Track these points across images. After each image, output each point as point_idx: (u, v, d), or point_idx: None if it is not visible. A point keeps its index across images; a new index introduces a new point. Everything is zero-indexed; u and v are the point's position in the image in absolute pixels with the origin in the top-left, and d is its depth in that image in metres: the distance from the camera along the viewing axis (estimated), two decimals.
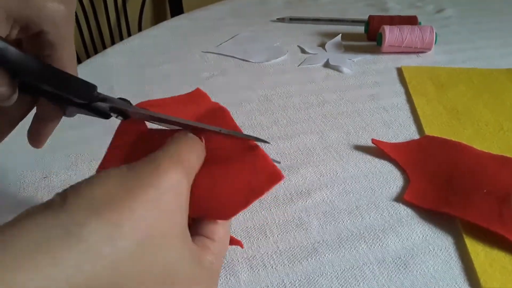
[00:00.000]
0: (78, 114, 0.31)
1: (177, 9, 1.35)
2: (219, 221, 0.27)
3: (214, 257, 0.26)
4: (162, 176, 0.23)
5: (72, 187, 0.22)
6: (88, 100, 0.29)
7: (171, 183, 0.23)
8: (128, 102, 0.30)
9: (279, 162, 0.29)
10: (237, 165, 0.28)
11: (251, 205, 0.26)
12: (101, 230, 0.20)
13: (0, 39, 0.25)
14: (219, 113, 0.32)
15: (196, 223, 0.27)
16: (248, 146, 0.28)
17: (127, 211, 0.21)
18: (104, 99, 0.29)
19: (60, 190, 0.21)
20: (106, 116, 0.30)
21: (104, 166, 0.30)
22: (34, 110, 0.32)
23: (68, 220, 0.20)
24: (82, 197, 0.21)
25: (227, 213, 0.27)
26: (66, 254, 0.19)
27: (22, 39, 0.29)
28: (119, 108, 0.29)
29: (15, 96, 0.28)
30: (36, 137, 0.32)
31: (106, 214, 0.20)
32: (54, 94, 0.28)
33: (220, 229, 0.27)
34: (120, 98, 0.30)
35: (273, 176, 0.27)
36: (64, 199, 0.21)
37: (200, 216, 0.27)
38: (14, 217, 0.20)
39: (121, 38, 1.24)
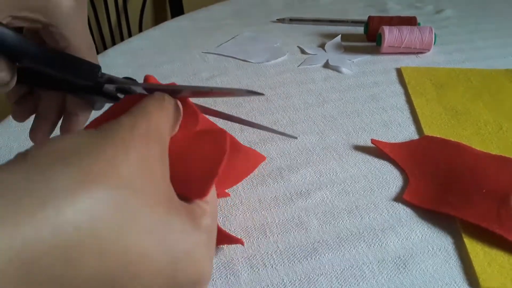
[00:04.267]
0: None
1: (177, 10, 1.35)
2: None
3: (211, 219, 0.25)
4: (131, 129, 0.21)
5: (34, 145, 0.20)
6: (92, 81, 0.28)
7: (143, 134, 0.22)
8: (134, 80, 0.30)
9: (296, 138, 0.33)
10: (201, 144, 0.28)
11: (250, 204, 0.26)
12: (69, 175, 0.17)
13: None
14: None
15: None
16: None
17: (100, 156, 0.19)
18: (110, 79, 0.29)
19: None
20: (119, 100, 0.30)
21: None
22: None
23: (28, 168, 0.17)
24: (45, 149, 0.19)
25: (203, 190, 0.26)
26: (27, 201, 0.16)
27: (40, 33, 0.29)
28: (125, 88, 0.29)
29: (13, 82, 0.28)
30: (68, 132, 0.33)
31: (73, 159, 0.18)
32: (59, 80, 0.28)
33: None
34: (125, 78, 0.30)
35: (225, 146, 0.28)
36: (24, 154, 0.19)
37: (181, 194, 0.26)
38: None
39: (122, 39, 1.24)
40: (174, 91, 0.27)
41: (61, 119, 0.33)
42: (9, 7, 0.26)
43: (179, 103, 0.27)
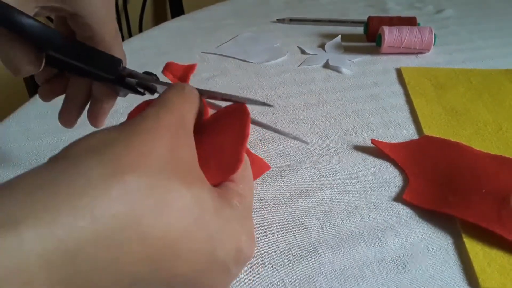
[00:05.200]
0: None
1: (177, 10, 1.35)
2: None
3: (240, 197, 0.26)
4: (155, 120, 0.23)
5: (68, 144, 0.21)
6: (113, 74, 0.30)
7: (168, 123, 0.23)
8: (154, 75, 0.31)
9: (307, 143, 0.33)
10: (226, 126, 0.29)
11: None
12: (102, 167, 0.19)
13: (26, 16, 0.25)
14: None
15: None
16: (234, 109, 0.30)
17: (130, 147, 0.20)
18: (131, 74, 0.30)
19: None
20: (140, 93, 0.31)
21: None
22: None
23: (64, 163, 0.19)
24: (78, 145, 0.20)
25: (232, 168, 0.27)
26: (66, 193, 0.17)
27: (68, 22, 0.30)
28: (145, 83, 0.30)
29: (40, 68, 0.29)
30: (94, 117, 0.35)
31: (104, 151, 0.19)
32: (83, 70, 0.29)
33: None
34: (145, 72, 0.31)
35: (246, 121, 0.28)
36: (58, 154, 0.20)
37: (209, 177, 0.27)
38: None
39: (122, 39, 1.24)
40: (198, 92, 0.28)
41: (88, 104, 0.35)
42: None
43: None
